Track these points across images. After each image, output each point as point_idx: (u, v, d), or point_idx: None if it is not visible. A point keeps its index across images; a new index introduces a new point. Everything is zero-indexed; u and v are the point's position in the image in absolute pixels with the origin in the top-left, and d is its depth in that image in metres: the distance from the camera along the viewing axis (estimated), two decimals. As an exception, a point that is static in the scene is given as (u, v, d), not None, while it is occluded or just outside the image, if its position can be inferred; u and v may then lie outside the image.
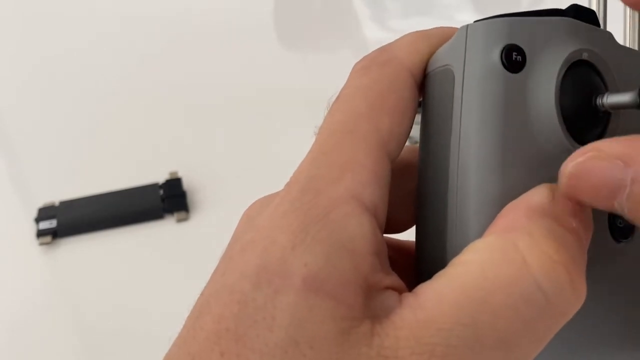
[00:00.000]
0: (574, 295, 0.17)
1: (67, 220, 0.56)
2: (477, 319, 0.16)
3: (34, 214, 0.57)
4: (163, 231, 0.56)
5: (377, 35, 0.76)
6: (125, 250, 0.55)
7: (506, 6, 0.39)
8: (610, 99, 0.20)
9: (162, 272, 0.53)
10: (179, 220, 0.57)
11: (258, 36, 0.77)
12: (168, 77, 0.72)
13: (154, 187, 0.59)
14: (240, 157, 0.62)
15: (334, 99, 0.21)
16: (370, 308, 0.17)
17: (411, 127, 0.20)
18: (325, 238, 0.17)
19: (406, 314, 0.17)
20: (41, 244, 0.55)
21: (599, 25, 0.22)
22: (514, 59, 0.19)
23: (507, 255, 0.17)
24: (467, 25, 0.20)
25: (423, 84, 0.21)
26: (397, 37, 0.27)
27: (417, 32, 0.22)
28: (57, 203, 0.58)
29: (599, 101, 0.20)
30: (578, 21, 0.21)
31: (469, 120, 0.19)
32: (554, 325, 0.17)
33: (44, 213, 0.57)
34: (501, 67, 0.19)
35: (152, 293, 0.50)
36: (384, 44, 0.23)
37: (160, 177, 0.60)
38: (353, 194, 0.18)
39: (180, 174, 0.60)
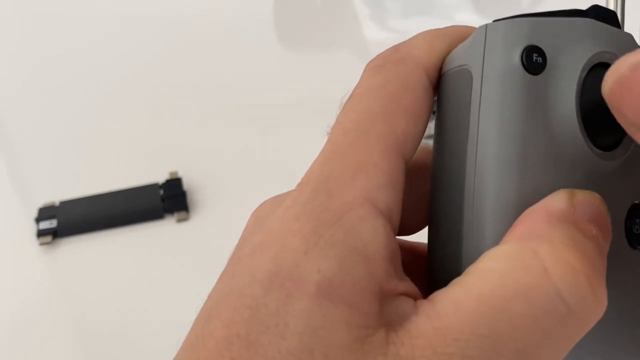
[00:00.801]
0: (595, 304, 0.16)
1: (68, 220, 0.57)
2: (495, 329, 0.16)
3: (34, 214, 0.57)
4: (163, 231, 0.56)
5: (377, 35, 0.76)
6: (125, 250, 0.55)
7: (506, 6, 0.39)
8: None
9: (163, 271, 0.53)
10: (179, 220, 0.57)
11: (258, 36, 0.77)
12: (168, 77, 0.72)
13: (154, 187, 0.59)
14: (240, 157, 0.62)
15: (346, 98, 0.20)
16: (384, 315, 0.17)
17: (426, 128, 0.20)
18: (339, 243, 0.17)
19: (422, 323, 0.16)
20: (41, 243, 0.55)
21: (619, 26, 0.21)
22: (534, 61, 0.19)
23: (527, 262, 0.16)
24: (487, 25, 0.20)
25: (438, 83, 0.20)
26: (397, 37, 0.27)
27: (432, 30, 0.21)
28: (57, 203, 0.58)
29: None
30: (599, 22, 0.20)
31: (488, 121, 0.19)
32: (575, 335, 0.16)
33: (44, 213, 0.57)
34: (521, 68, 0.19)
35: (152, 293, 0.50)
36: (384, 44, 0.23)
37: (161, 177, 0.60)
38: (367, 196, 0.18)
39: (180, 174, 0.60)
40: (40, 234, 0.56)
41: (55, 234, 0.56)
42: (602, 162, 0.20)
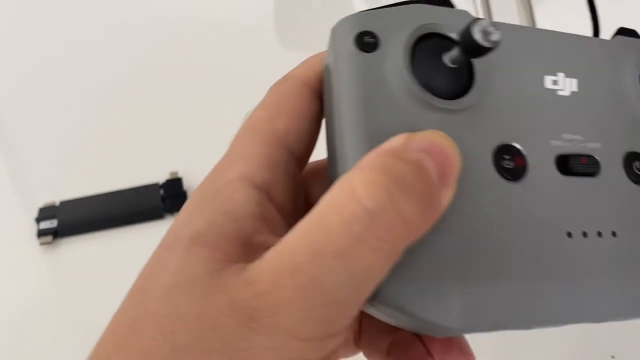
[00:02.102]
0: (396, 213, 0.20)
1: (68, 220, 0.57)
2: (315, 238, 0.20)
3: (34, 213, 0.57)
4: (163, 231, 0.56)
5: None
6: (125, 250, 0.55)
7: (506, 6, 0.39)
8: (450, 53, 0.24)
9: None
10: (179, 220, 0.57)
11: (258, 36, 0.77)
12: (168, 77, 0.72)
13: (154, 187, 0.59)
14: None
15: (250, 112, 0.26)
16: (248, 258, 0.21)
17: (314, 126, 0.25)
18: (215, 207, 0.22)
19: (270, 252, 0.20)
20: (42, 243, 0.55)
21: (452, 6, 0.26)
22: (365, 42, 0.24)
23: (342, 187, 0.20)
24: (335, 25, 0.25)
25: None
26: None
27: (316, 54, 0.26)
28: (57, 203, 0.59)
29: (444, 58, 0.25)
30: (427, 5, 0.26)
31: (339, 94, 0.24)
32: (390, 237, 0.20)
33: (45, 213, 0.57)
34: (356, 49, 0.24)
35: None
36: None
37: (161, 177, 0.60)
38: (244, 175, 0.23)
39: (180, 174, 0.60)
40: (41, 233, 0.56)
41: (56, 234, 0.56)
42: (450, 114, 0.24)
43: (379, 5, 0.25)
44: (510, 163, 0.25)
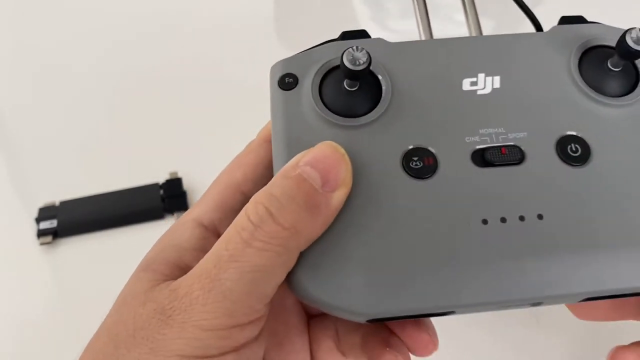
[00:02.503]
0: (274, 222, 0.25)
1: (68, 220, 0.57)
2: (218, 248, 0.25)
3: (34, 213, 0.57)
4: (163, 231, 0.56)
5: (377, 35, 0.76)
6: (125, 250, 0.55)
7: (505, 7, 0.39)
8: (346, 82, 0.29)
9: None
10: (179, 220, 0.57)
11: (258, 36, 0.77)
12: (168, 77, 0.72)
13: (154, 187, 0.59)
14: (240, 157, 0.63)
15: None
16: None
17: (267, 171, 0.30)
18: (166, 241, 0.29)
19: (194, 267, 0.26)
20: (42, 243, 0.55)
21: (368, 37, 0.32)
22: (286, 82, 0.30)
23: (244, 207, 0.26)
24: (271, 67, 0.31)
25: None
26: (397, 37, 0.31)
27: None
28: (57, 203, 0.59)
29: (344, 86, 0.29)
30: (341, 41, 0.31)
31: (273, 121, 0.30)
32: (273, 240, 0.24)
33: (45, 213, 0.57)
34: (278, 89, 0.30)
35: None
36: None
37: (161, 177, 0.60)
38: (194, 217, 0.29)
39: (180, 174, 0.60)
40: (41, 233, 0.56)
41: (56, 234, 0.56)
42: (358, 128, 0.29)
43: (372, 8, 0.28)
44: (418, 163, 0.28)
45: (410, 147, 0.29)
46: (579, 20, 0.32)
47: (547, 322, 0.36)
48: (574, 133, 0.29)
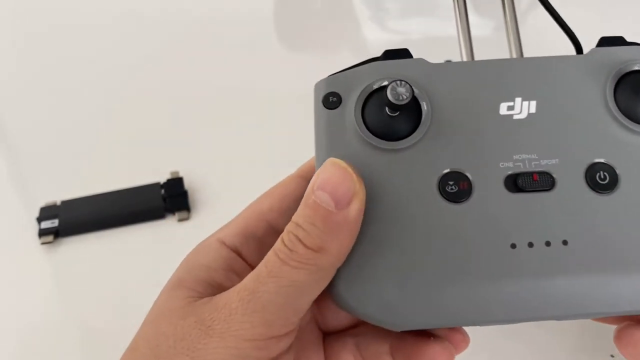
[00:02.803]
0: (305, 248, 0.27)
1: (69, 220, 0.57)
2: (258, 268, 0.28)
3: (35, 213, 0.58)
4: (164, 230, 0.56)
5: (377, 36, 0.76)
6: (126, 249, 0.55)
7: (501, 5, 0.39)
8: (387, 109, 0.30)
9: (164, 271, 0.53)
10: (180, 220, 0.57)
11: (258, 36, 0.77)
12: (169, 77, 0.72)
13: (155, 186, 0.59)
14: (240, 157, 0.63)
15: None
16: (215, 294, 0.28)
17: (295, 203, 0.30)
18: (194, 261, 0.31)
19: (230, 290, 0.28)
20: (43, 243, 0.56)
21: (411, 56, 0.32)
22: (330, 101, 0.31)
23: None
24: (314, 85, 0.32)
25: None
26: (397, 38, 0.31)
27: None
28: (58, 202, 0.59)
29: (386, 110, 0.30)
30: (383, 61, 0.32)
31: (317, 137, 0.31)
32: (305, 260, 0.27)
33: (46, 212, 0.57)
34: (323, 107, 0.31)
35: (154, 292, 0.51)
36: (383, 44, 0.33)
37: (162, 177, 0.60)
38: (218, 238, 0.31)
39: (181, 174, 0.60)
40: (42, 233, 0.56)
41: (57, 233, 0.56)
42: (397, 152, 0.30)
43: (375, 13, 0.28)
44: (454, 187, 0.29)
45: (447, 170, 0.30)
46: (619, 41, 0.32)
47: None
48: (603, 160, 0.30)
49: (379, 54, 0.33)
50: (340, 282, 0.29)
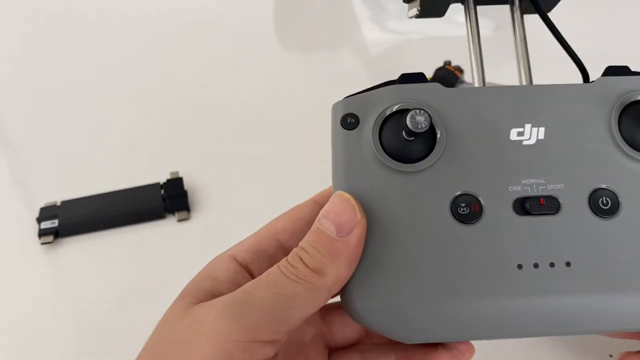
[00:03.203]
0: (306, 267, 0.29)
1: (69, 220, 0.57)
2: (260, 277, 0.29)
3: (35, 213, 0.58)
4: (164, 230, 0.57)
5: (377, 36, 0.76)
6: (126, 250, 0.55)
7: (504, 8, 0.39)
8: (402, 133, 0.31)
9: (164, 271, 0.53)
10: (180, 220, 0.57)
11: (258, 36, 0.77)
12: (169, 78, 0.72)
13: (155, 186, 0.59)
14: (240, 157, 0.63)
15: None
16: None
17: (308, 225, 0.31)
18: (203, 273, 0.32)
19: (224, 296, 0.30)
20: (43, 243, 0.56)
21: (426, 81, 0.33)
22: (348, 122, 0.32)
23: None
24: (332, 106, 0.33)
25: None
26: (397, 38, 0.31)
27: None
28: (58, 203, 0.59)
29: (402, 134, 0.31)
30: (400, 85, 0.33)
31: (334, 156, 0.33)
32: (304, 278, 0.29)
33: (46, 213, 0.57)
34: (341, 127, 0.33)
35: (154, 292, 0.51)
36: (383, 44, 0.34)
37: (162, 177, 0.60)
38: (230, 254, 0.33)
39: (181, 174, 0.61)
40: (42, 233, 0.56)
41: (57, 234, 0.56)
42: (412, 174, 0.31)
43: (374, 14, 0.29)
44: (465, 209, 0.31)
45: (459, 193, 0.31)
46: (624, 70, 0.34)
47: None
48: (606, 187, 0.31)
49: (378, 53, 0.33)
50: (354, 295, 0.30)
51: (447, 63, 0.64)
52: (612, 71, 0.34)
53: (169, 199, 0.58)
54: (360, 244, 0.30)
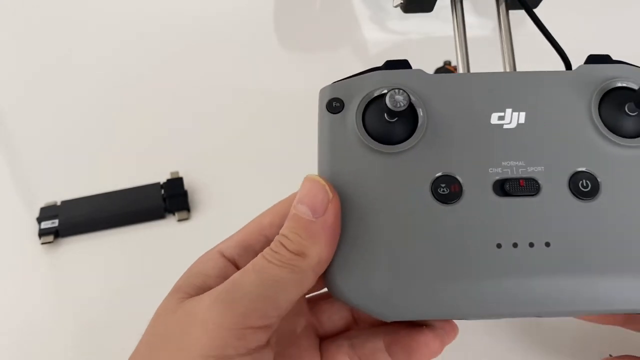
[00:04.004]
0: (288, 252, 0.30)
1: (69, 220, 0.57)
2: (245, 267, 0.31)
3: (36, 213, 0.58)
4: (164, 230, 0.57)
5: (377, 36, 0.77)
6: (126, 249, 0.55)
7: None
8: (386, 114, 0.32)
9: (164, 270, 0.53)
10: (180, 220, 0.57)
11: (258, 37, 0.77)
12: (169, 77, 0.72)
13: (155, 186, 0.59)
14: (240, 157, 0.63)
15: None
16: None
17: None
18: (194, 269, 0.33)
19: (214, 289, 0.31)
20: (43, 243, 0.56)
21: (410, 67, 0.34)
22: (334, 106, 0.34)
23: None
24: (320, 91, 0.34)
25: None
26: (397, 38, 0.32)
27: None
28: (59, 202, 0.59)
29: (385, 116, 0.32)
30: (384, 70, 0.34)
31: (320, 139, 0.33)
32: (287, 261, 0.30)
33: (46, 212, 0.58)
34: (326, 111, 0.34)
35: (153, 291, 0.51)
36: (383, 44, 0.35)
37: (162, 177, 0.60)
38: (219, 250, 0.34)
39: (181, 174, 0.61)
40: (42, 233, 0.56)
41: (57, 234, 0.56)
42: (394, 155, 0.32)
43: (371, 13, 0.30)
44: (445, 190, 0.32)
45: (440, 174, 0.32)
46: (605, 59, 0.35)
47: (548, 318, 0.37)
48: (586, 169, 0.32)
49: (378, 53, 0.34)
50: (335, 274, 0.31)
51: (447, 63, 0.64)
52: (593, 59, 0.34)
53: (169, 199, 0.58)
54: (336, 221, 0.31)
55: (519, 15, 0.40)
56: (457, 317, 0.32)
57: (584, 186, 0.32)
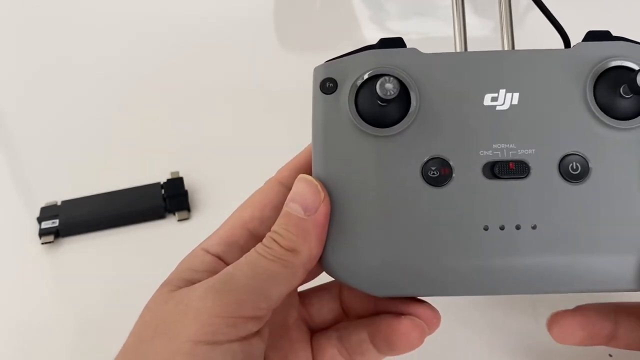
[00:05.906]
0: (280, 247, 0.31)
1: (70, 220, 0.57)
2: (239, 260, 0.32)
3: (36, 213, 0.58)
4: (165, 230, 0.57)
5: (377, 36, 0.76)
6: (127, 249, 0.55)
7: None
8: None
9: (164, 270, 0.53)
10: (181, 220, 0.57)
11: (258, 37, 0.77)
12: (169, 78, 0.73)
13: (155, 186, 0.59)
14: (241, 157, 0.63)
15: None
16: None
17: (274, 212, 0.34)
18: (182, 266, 0.34)
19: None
20: (43, 243, 0.56)
21: (405, 46, 0.34)
22: (327, 86, 0.34)
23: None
24: (313, 70, 0.34)
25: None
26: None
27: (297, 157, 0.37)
28: (59, 202, 0.59)
29: (375, 99, 0.32)
30: (380, 50, 0.34)
31: (314, 119, 0.34)
32: (279, 256, 0.31)
33: (46, 212, 0.58)
34: (320, 92, 0.34)
35: (153, 291, 0.51)
36: None
37: (162, 177, 0.60)
38: (203, 247, 0.35)
39: (181, 174, 0.61)
40: (43, 233, 0.56)
41: (57, 233, 0.56)
42: (386, 138, 0.33)
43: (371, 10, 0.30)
44: (436, 172, 0.32)
45: (430, 157, 0.32)
46: (605, 35, 0.34)
47: (545, 313, 0.37)
48: (577, 152, 0.32)
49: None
50: (328, 252, 0.32)
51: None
52: (592, 36, 0.34)
53: (169, 199, 0.58)
54: (326, 220, 0.32)
55: (519, 14, 0.40)
56: (441, 295, 0.33)
57: (573, 169, 0.32)
